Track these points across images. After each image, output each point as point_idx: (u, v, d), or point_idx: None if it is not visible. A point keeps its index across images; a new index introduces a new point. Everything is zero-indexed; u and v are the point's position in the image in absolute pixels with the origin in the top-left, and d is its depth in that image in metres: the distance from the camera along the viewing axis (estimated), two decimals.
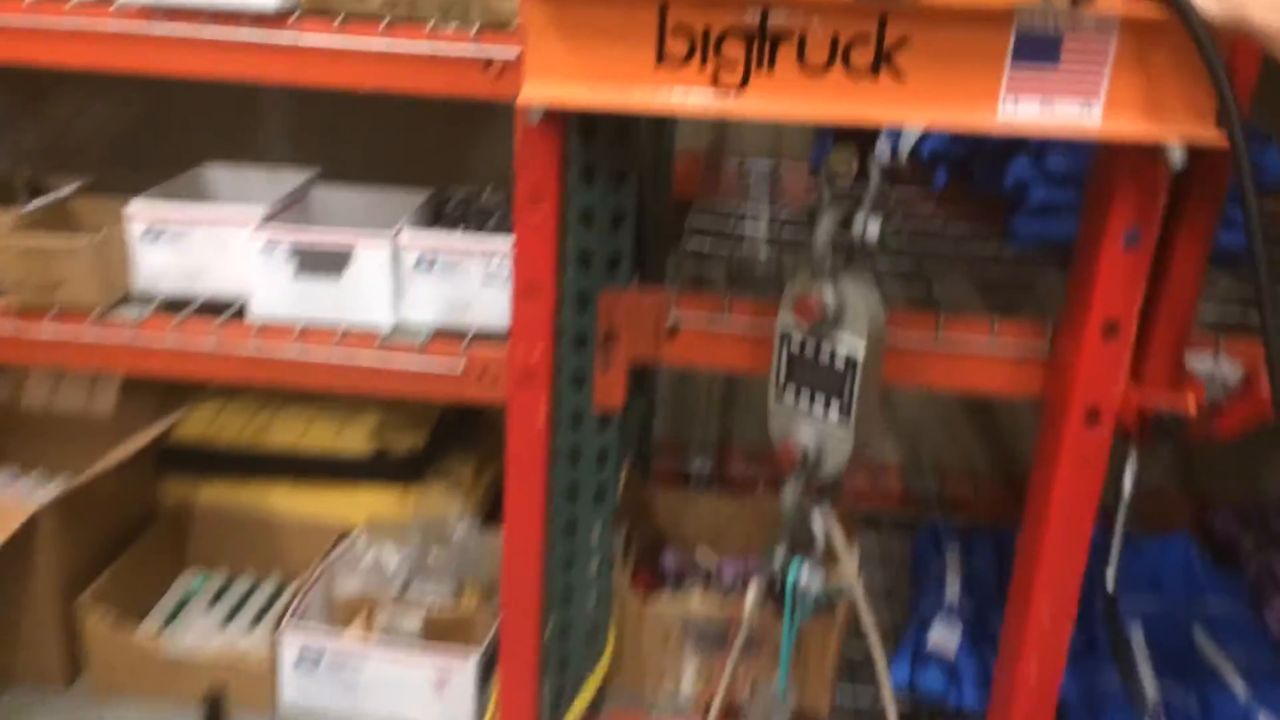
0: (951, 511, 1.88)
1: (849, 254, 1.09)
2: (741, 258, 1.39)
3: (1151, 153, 0.97)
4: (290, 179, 1.68)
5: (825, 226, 1.06)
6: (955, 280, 1.36)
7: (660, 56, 0.97)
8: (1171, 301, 1.03)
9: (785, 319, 1.11)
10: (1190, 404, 1.05)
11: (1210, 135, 0.94)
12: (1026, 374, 1.16)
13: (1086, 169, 1.36)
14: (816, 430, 1.12)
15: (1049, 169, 1.37)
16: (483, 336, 1.44)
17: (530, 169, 1.02)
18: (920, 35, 0.95)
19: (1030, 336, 1.16)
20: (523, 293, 1.07)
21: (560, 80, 0.98)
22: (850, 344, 1.08)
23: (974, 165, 1.55)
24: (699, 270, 1.40)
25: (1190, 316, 1.05)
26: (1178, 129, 0.95)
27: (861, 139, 1.03)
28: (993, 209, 1.51)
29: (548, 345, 1.08)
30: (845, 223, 1.07)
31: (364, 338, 1.46)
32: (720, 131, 1.86)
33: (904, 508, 1.93)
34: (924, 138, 1.58)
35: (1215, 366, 1.12)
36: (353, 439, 1.73)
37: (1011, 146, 1.43)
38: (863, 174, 1.05)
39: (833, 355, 1.10)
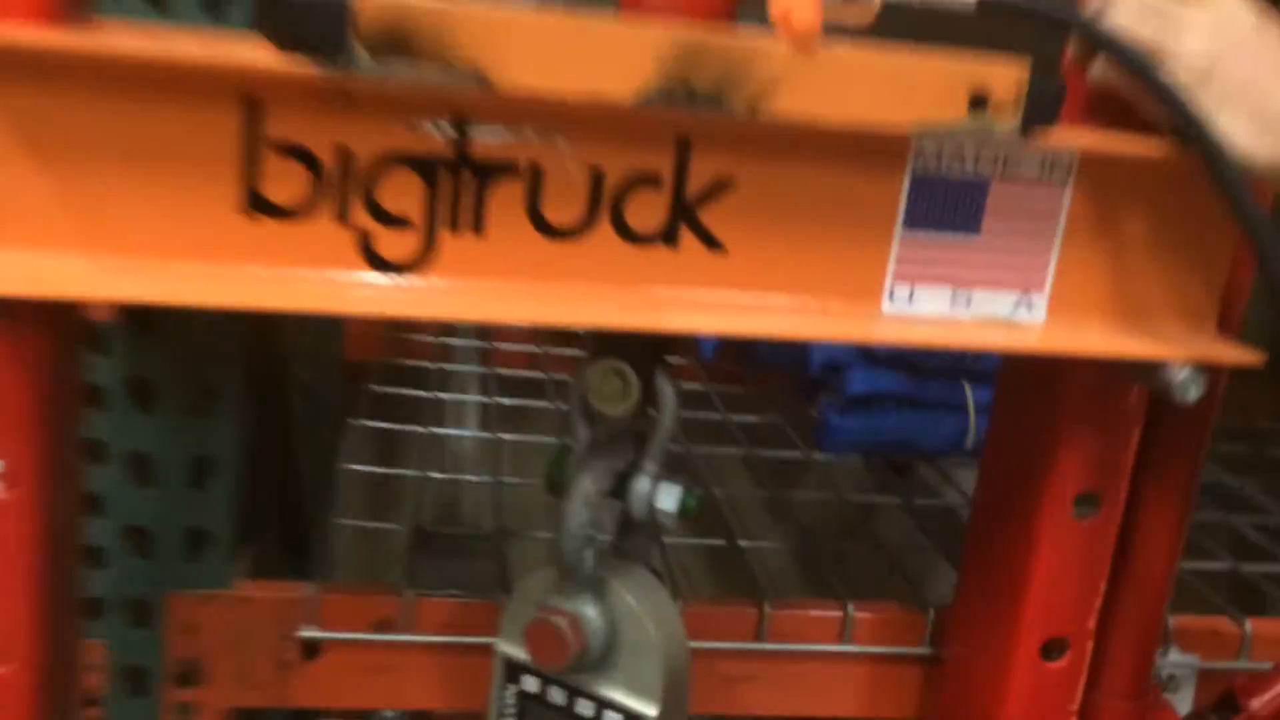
0: None
1: (624, 531, 0.63)
2: (438, 484, 0.90)
3: (1119, 373, 0.59)
4: None
5: (582, 499, 0.60)
6: (756, 512, 0.94)
7: (251, 200, 0.48)
8: (1138, 589, 0.64)
9: (511, 649, 0.63)
10: None
11: (1231, 353, 0.56)
12: (899, 688, 0.74)
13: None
14: None
15: (870, 344, 0.98)
16: None
17: None
18: (750, 177, 0.52)
19: (900, 631, 0.74)
20: None
21: (33, 244, 0.47)
22: (631, 703, 0.61)
23: None
24: (370, 510, 0.90)
25: (1162, 608, 0.66)
26: (1168, 340, 0.56)
27: (643, 348, 0.59)
28: (784, 389, 1.11)
29: None
30: (618, 489, 0.61)
31: None
32: None
33: None
34: None
35: (1162, 662, 0.74)
36: None
37: None
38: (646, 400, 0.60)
39: (601, 709, 0.63)
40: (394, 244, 0.50)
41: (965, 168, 0.53)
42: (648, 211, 0.52)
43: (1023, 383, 0.63)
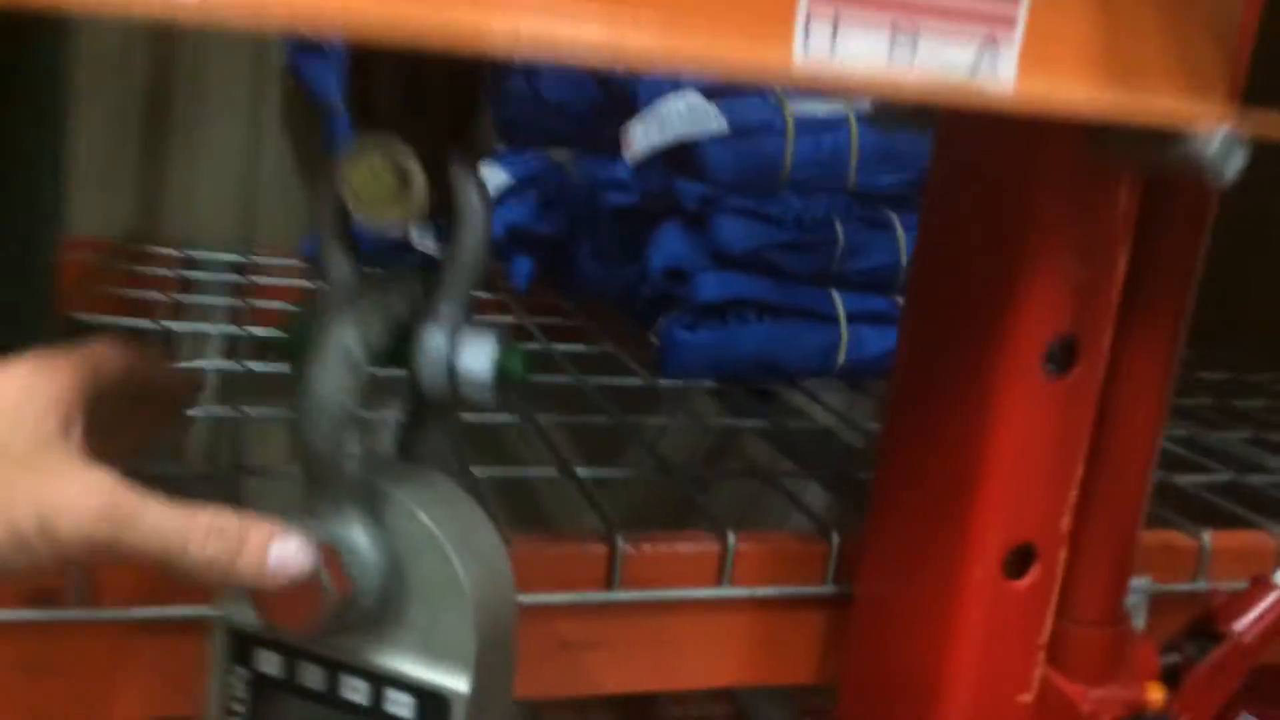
0: None
1: (411, 418, 0.43)
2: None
3: (1115, 158, 0.42)
4: None
5: (341, 356, 0.39)
6: (590, 444, 0.74)
7: None
8: (1116, 480, 0.48)
9: (238, 614, 0.41)
10: (1159, 700, 0.50)
11: (1264, 121, 0.40)
12: (796, 639, 0.56)
13: (799, 242, 0.81)
14: None
15: (720, 243, 0.81)
16: None
17: None
18: None
19: (795, 566, 0.56)
20: None
21: None
22: (428, 675, 0.40)
23: (577, 248, 0.96)
24: None
25: (1141, 504, 0.50)
26: (1179, 100, 0.40)
27: (430, 112, 0.38)
28: (614, 319, 0.93)
29: None
30: (396, 351, 0.40)
31: None
32: (148, 200, 1.12)
33: None
34: (499, 204, 0.96)
35: None
36: None
37: (652, 214, 0.86)
38: (441, 209, 0.39)
39: (379, 691, 0.42)
40: None
41: None
42: None
43: (966, 193, 0.46)
